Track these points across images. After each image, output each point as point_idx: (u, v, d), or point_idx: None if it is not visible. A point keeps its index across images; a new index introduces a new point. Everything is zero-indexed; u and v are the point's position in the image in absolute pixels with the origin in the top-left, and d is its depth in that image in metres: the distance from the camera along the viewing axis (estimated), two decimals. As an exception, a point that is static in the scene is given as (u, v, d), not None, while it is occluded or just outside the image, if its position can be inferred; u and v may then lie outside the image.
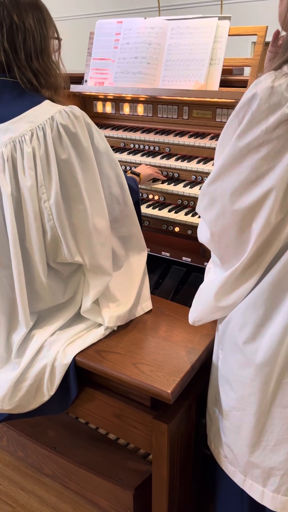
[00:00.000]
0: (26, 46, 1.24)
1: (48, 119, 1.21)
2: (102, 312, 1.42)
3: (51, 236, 1.29)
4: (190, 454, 1.46)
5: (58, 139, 1.22)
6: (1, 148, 1.22)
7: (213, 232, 1.12)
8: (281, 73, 0.93)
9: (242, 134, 0.97)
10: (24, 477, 1.85)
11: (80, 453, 1.62)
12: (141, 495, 1.49)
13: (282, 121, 0.91)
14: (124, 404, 1.37)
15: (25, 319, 1.34)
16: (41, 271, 1.32)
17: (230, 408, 1.20)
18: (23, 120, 1.23)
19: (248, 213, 1.02)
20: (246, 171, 0.98)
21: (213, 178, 1.07)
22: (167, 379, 1.25)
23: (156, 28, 2.05)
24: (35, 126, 1.21)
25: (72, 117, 1.23)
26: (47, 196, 1.24)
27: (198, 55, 1.93)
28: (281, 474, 1.13)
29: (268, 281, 1.05)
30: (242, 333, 1.12)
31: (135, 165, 2.06)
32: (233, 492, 1.30)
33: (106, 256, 1.37)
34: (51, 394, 1.38)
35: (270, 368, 1.07)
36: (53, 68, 1.32)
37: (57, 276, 1.38)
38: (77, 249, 1.32)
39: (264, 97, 0.92)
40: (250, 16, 4.05)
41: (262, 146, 0.94)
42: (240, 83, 1.89)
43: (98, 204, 1.32)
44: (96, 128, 1.32)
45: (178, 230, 1.83)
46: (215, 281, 1.16)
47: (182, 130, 2.11)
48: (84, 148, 1.25)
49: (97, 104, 2.35)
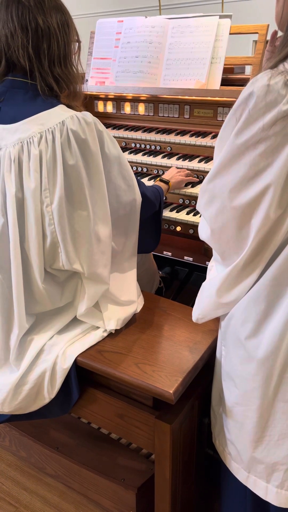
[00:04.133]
0: (50, 52, 1.24)
1: (59, 123, 1.20)
2: (108, 316, 1.41)
3: (50, 241, 1.27)
4: (193, 453, 1.46)
5: (67, 144, 1.20)
6: (9, 148, 1.22)
7: (213, 229, 1.13)
8: (277, 72, 0.94)
9: (239, 131, 0.98)
10: (26, 477, 1.85)
11: (82, 453, 1.62)
12: (143, 495, 1.48)
13: (278, 118, 0.93)
14: (126, 404, 1.37)
15: (19, 321, 1.32)
16: (37, 275, 1.30)
17: (233, 404, 1.21)
18: (33, 122, 1.22)
19: (247, 209, 1.03)
20: (244, 168, 1.00)
21: (212, 176, 1.08)
22: (169, 379, 1.25)
23: (157, 27, 2.05)
24: (45, 129, 1.20)
25: (84, 123, 1.21)
26: (50, 200, 1.22)
27: (199, 53, 1.93)
28: (285, 469, 1.14)
29: (268, 276, 1.07)
30: (244, 328, 1.13)
31: (136, 164, 2.06)
32: (236, 491, 1.30)
33: (104, 264, 1.35)
34: (51, 397, 1.37)
35: (272, 363, 1.08)
36: (73, 72, 1.31)
37: (53, 280, 1.37)
38: (76, 256, 1.30)
39: (261, 95, 0.94)
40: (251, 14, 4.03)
41: (260, 143, 0.96)
42: (241, 82, 1.88)
43: (102, 211, 1.30)
44: (109, 135, 1.30)
45: (179, 229, 1.82)
46: (217, 277, 1.17)
47: (183, 129, 2.10)
48: (92, 155, 1.23)
49: (98, 103, 2.35)
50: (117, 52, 2.16)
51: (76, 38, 1.32)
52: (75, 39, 1.32)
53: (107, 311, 1.42)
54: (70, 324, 1.45)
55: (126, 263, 1.53)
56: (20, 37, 1.21)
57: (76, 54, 1.34)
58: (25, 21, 1.20)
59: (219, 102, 1.94)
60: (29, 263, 1.30)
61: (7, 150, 1.22)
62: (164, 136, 2.07)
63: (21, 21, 1.20)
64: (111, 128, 2.29)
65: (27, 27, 1.20)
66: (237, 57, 1.94)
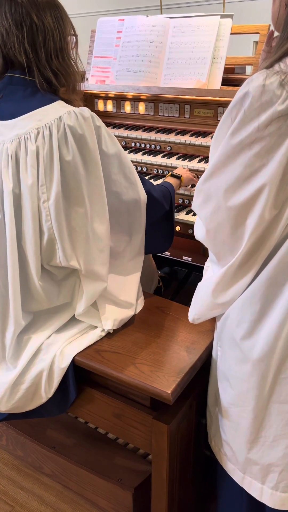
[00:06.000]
0: (46, 46, 1.24)
1: (56, 119, 1.20)
2: (105, 316, 1.40)
3: (47, 238, 1.26)
4: (190, 454, 1.45)
5: (64, 139, 1.20)
6: (7, 144, 1.21)
7: (208, 229, 1.13)
8: (272, 72, 0.94)
9: (235, 131, 0.98)
10: (23, 477, 1.84)
11: (79, 453, 1.62)
12: (140, 495, 1.48)
13: (273, 118, 0.92)
14: (124, 404, 1.36)
15: (15, 318, 1.32)
16: (34, 272, 1.30)
17: (228, 405, 1.21)
18: (31, 118, 1.22)
19: (242, 210, 1.03)
20: (239, 168, 1.00)
21: (207, 176, 1.08)
22: (167, 380, 1.24)
23: (158, 26, 2.04)
24: (42, 124, 1.20)
25: (81, 118, 1.21)
26: (47, 196, 1.22)
27: (200, 53, 1.92)
28: (280, 470, 1.14)
29: (264, 277, 1.06)
30: (239, 329, 1.13)
31: (136, 163, 2.05)
32: (233, 491, 1.30)
33: (102, 263, 1.34)
34: (49, 396, 1.37)
35: (267, 364, 1.08)
36: (72, 66, 1.32)
37: (50, 278, 1.36)
38: (73, 253, 1.30)
39: (256, 95, 0.93)
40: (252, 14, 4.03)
41: (255, 143, 0.96)
42: (242, 82, 1.87)
43: (99, 208, 1.29)
44: (107, 131, 1.30)
45: (179, 229, 1.82)
46: (212, 278, 1.17)
47: (183, 129, 2.10)
48: (90, 150, 1.23)
49: (98, 102, 2.35)
50: (117, 51, 2.15)
51: (72, 32, 1.33)
52: (71, 33, 1.32)
53: (105, 311, 1.41)
54: (68, 323, 1.44)
55: (130, 263, 1.52)
56: (15, 33, 1.21)
57: (74, 48, 1.34)
58: (19, 18, 1.21)
59: (219, 102, 1.93)
60: (25, 260, 1.30)
61: (5, 146, 1.22)
62: (164, 135, 2.06)
63: (15, 18, 1.21)
64: (111, 127, 2.28)
65: (21, 23, 1.21)
66: (238, 57, 1.94)
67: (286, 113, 0.92)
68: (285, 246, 1.02)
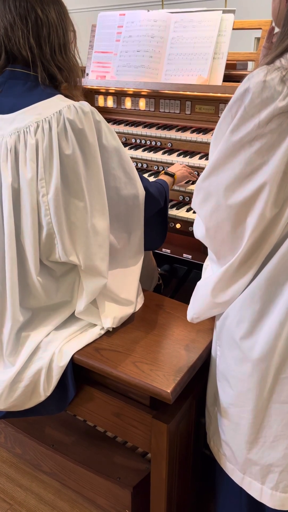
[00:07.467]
0: (51, 40, 1.24)
1: (56, 112, 1.19)
2: (104, 314, 1.39)
3: (46, 232, 1.25)
4: (189, 453, 1.45)
5: (64, 133, 1.19)
6: (6, 138, 1.20)
7: (208, 228, 1.12)
8: (273, 67, 0.92)
9: (235, 128, 0.97)
10: (21, 474, 1.84)
11: (78, 451, 1.61)
12: (139, 494, 1.47)
13: (274, 115, 0.91)
14: (123, 403, 1.35)
15: (12, 313, 1.31)
16: (32, 267, 1.29)
17: (228, 405, 1.20)
18: (31, 111, 1.21)
19: (243, 208, 1.01)
20: (239, 166, 0.98)
21: (207, 173, 1.07)
22: (167, 379, 1.24)
23: (159, 21, 2.02)
24: (42, 118, 1.19)
25: (81, 112, 1.20)
26: (46, 190, 1.21)
27: (201, 49, 1.90)
28: (280, 470, 1.13)
29: (264, 276, 1.05)
30: (239, 328, 1.12)
31: (136, 160, 2.04)
32: (232, 491, 1.29)
33: (102, 258, 1.33)
34: (47, 395, 1.36)
35: (267, 364, 1.07)
36: (74, 61, 1.32)
37: (49, 274, 1.35)
38: (72, 248, 1.29)
39: (257, 91, 0.92)
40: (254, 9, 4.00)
41: (255, 140, 0.94)
42: (243, 78, 1.86)
43: (99, 203, 1.28)
44: (107, 126, 1.29)
45: (179, 226, 1.81)
46: (212, 277, 1.16)
47: (184, 125, 2.08)
48: (89, 145, 1.22)
49: (98, 98, 2.33)
50: (118, 46, 2.13)
51: (72, 28, 1.33)
52: (71, 29, 1.33)
53: (105, 308, 1.40)
54: (67, 321, 1.43)
55: (130, 260, 1.51)
56: (20, 28, 1.21)
57: (72, 43, 1.34)
58: (24, 12, 1.21)
59: (221, 98, 1.92)
60: (24, 255, 1.29)
61: (4, 140, 1.21)
62: (165, 132, 2.05)
63: (19, 12, 1.21)
64: (111, 123, 2.26)
65: (26, 17, 1.21)
66: (239, 53, 1.92)
67: (287, 109, 0.90)
68: (285, 245, 1.01)
